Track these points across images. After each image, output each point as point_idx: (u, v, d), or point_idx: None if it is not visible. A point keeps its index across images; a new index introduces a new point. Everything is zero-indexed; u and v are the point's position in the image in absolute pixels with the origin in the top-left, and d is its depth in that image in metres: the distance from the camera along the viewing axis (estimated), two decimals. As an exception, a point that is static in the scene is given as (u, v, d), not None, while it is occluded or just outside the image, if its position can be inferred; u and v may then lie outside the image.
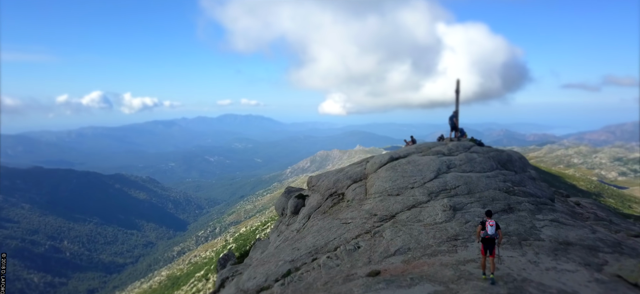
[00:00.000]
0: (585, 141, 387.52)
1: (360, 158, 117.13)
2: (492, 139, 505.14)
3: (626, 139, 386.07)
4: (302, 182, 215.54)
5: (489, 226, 10.42)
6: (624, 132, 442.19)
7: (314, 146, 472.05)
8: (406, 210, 15.81)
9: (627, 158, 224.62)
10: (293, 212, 22.71)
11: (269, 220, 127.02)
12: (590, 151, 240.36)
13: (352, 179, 20.65)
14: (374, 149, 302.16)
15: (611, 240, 14.53)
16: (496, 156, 20.29)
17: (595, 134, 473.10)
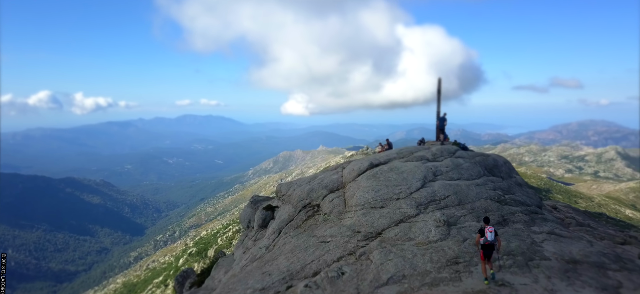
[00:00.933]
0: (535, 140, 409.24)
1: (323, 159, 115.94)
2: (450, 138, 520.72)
3: (572, 138, 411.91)
4: (265, 183, 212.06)
5: (488, 233, 10.69)
6: (570, 132, 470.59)
7: (276, 147, 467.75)
8: (394, 226, 13.92)
9: (573, 156, 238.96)
10: (261, 225, 20.28)
11: (231, 223, 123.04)
12: (539, 149, 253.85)
13: (328, 189, 18.54)
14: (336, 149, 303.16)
15: (612, 254, 13.42)
16: (482, 161, 18.95)
17: (544, 134, 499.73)
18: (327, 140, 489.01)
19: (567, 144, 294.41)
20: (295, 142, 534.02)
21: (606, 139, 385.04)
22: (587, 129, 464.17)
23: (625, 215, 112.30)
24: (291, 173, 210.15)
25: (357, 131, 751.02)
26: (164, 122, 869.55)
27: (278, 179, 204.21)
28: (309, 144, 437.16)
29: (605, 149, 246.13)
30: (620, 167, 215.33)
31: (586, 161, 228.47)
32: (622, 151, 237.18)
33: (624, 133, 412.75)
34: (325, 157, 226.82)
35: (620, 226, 41.08)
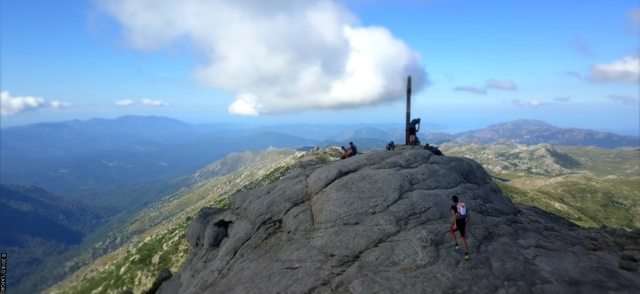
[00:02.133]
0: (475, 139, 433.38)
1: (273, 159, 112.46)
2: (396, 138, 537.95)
3: (507, 136, 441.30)
4: (212, 185, 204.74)
5: (461, 208, 11.54)
6: (506, 131, 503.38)
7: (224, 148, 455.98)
8: (373, 247, 11.96)
9: (509, 153, 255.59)
10: (212, 244, 17.54)
11: (177, 227, 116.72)
12: (479, 147, 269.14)
13: (291, 201, 16.26)
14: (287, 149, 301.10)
15: (604, 268, 12.47)
16: (457, 166, 17.63)
17: (482, 133, 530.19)
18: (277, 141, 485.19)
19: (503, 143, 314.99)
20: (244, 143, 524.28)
21: (537, 137, 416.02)
22: (520, 128, 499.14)
23: (554, 208, 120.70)
24: (240, 175, 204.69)
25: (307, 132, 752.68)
26: (102, 124, 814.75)
27: (226, 181, 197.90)
28: (259, 145, 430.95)
29: (536, 146, 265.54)
30: (549, 164, 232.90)
31: (520, 158, 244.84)
32: (551, 148, 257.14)
33: (553, 132, 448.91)
34: (276, 158, 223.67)
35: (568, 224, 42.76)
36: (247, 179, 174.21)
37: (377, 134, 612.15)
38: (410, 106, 20.13)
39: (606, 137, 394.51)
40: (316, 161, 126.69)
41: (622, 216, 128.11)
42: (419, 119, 20.11)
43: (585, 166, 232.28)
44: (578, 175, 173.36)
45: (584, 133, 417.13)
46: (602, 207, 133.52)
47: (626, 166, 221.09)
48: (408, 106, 20.12)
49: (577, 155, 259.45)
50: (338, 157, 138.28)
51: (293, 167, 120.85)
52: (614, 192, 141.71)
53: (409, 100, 19.86)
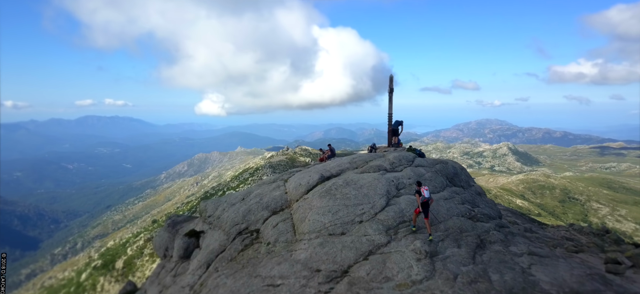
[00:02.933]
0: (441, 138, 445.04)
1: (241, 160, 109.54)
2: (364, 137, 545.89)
3: (471, 135, 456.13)
4: (179, 187, 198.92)
5: (425, 191, 12.40)
6: (470, 130, 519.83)
7: (191, 149, 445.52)
8: (363, 260, 11.00)
9: (473, 152, 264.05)
10: (182, 256, 16.07)
11: (143, 230, 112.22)
12: (445, 146, 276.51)
13: (269, 210, 15.06)
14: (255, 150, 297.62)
15: (597, 275, 12.12)
16: (442, 169, 17.04)
17: (448, 132, 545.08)
18: (246, 141, 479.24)
19: (468, 142, 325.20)
20: (212, 143, 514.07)
21: (500, 136, 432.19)
22: (484, 127, 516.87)
23: (516, 205, 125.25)
24: (208, 176, 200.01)
25: (276, 132, 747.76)
26: (61, 124, 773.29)
27: (193, 182, 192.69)
28: (227, 146, 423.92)
29: (499, 145, 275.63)
30: (511, 162, 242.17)
31: (484, 157, 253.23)
32: (513, 147, 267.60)
33: (514, 131, 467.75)
34: (244, 159, 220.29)
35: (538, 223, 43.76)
36: (214, 180, 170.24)
37: (346, 134, 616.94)
38: (392, 107, 19.40)
39: (563, 136, 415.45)
40: (286, 161, 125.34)
41: (578, 211, 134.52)
42: (402, 122, 19.43)
43: (544, 163, 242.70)
44: (538, 172, 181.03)
45: (542, 132, 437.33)
46: (560, 203, 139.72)
47: (581, 164, 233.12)
48: (390, 106, 19.38)
49: (536, 153, 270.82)
50: (308, 157, 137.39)
51: (262, 168, 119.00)
52: (571, 189, 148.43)
53: (391, 100, 19.13)
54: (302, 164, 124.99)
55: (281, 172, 20.25)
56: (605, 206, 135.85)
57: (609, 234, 30.36)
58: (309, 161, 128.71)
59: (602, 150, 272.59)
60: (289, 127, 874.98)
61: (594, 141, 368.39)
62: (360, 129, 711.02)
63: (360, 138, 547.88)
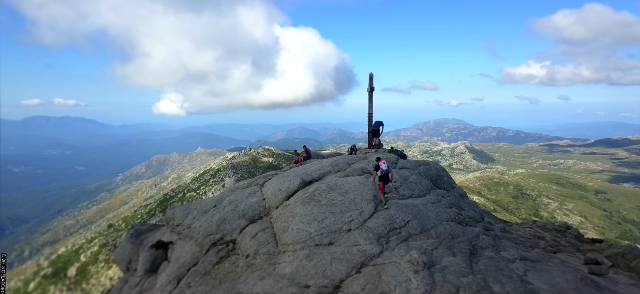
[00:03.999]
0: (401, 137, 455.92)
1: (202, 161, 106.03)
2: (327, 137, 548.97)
3: (430, 134, 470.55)
4: (136, 190, 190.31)
5: (383, 165, 13.72)
6: (429, 129, 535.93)
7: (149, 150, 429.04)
8: (355, 273, 10.11)
9: (432, 151, 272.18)
10: (149, 270, 14.51)
11: (97, 235, 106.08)
12: (405, 145, 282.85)
13: (247, 218, 13.85)
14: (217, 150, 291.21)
15: (590, 281, 11.97)
16: (426, 172, 16.54)
17: (408, 131, 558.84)
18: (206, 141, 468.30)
19: (427, 141, 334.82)
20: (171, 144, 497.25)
21: (457, 135, 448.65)
22: (442, 126, 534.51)
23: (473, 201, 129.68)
24: (167, 178, 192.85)
25: (238, 132, 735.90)
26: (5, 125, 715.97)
27: (152, 184, 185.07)
28: (186, 146, 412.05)
29: (456, 144, 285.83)
30: (468, 160, 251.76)
31: (443, 155, 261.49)
32: (470, 145, 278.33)
33: (470, 130, 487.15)
34: (205, 160, 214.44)
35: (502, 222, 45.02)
36: (174, 182, 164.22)
37: (309, 133, 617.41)
38: (372, 106, 18.73)
39: (515, 135, 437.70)
40: (249, 162, 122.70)
41: (530, 206, 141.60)
42: (382, 122, 18.82)
43: (499, 161, 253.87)
44: (493, 170, 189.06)
45: (497, 131, 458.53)
46: (513, 199, 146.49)
47: (532, 161, 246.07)
48: (370, 106, 18.70)
49: (491, 151, 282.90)
50: (271, 158, 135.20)
51: (224, 169, 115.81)
52: (523, 185, 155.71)
53: (371, 99, 18.44)
54: (265, 164, 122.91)
55: (256, 176, 19.02)
56: (554, 201, 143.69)
57: (570, 230, 31.30)
58: (272, 162, 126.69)
59: (551, 148, 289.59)
60: (251, 127, 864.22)
61: (544, 139, 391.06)
62: (323, 128, 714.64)
63: (323, 138, 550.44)
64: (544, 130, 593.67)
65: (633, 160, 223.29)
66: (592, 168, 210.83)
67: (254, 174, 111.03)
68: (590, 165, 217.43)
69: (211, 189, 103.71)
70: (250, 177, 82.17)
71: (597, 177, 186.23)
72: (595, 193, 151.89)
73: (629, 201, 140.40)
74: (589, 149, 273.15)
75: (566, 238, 25.77)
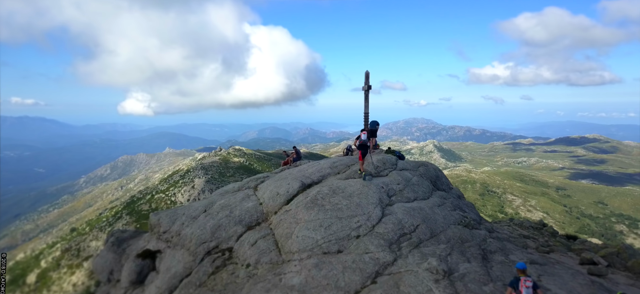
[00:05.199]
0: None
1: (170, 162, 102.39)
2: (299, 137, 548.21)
3: (400, 134, 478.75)
4: (101, 192, 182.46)
5: (363, 135, 14.95)
6: (398, 129, 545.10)
7: (114, 151, 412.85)
8: (371, 284, 9.47)
9: (402, 150, 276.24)
10: (135, 281, 13.32)
11: (59, 240, 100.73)
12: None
13: (243, 224, 12.94)
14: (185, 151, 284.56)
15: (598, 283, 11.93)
16: (426, 173, 16.17)
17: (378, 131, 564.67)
18: (175, 141, 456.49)
19: (397, 140, 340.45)
20: (137, 145, 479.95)
21: (426, 134, 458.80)
22: (411, 126, 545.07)
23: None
24: (134, 179, 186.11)
25: (207, 132, 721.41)
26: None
27: (117, 186, 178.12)
28: (154, 147, 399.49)
29: (425, 143, 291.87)
30: (437, 158, 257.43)
31: (412, 154, 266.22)
32: (438, 144, 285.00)
33: (438, 129, 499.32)
34: (174, 161, 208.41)
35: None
36: (141, 183, 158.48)
37: (281, 133, 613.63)
38: (368, 105, 18.21)
39: (481, 134, 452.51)
40: (219, 162, 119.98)
41: (496, 203, 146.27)
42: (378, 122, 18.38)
43: (466, 159, 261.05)
44: (460, 168, 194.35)
45: (464, 130, 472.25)
46: (480, 196, 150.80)
47: (497, 159, 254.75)
48: (366, 105, 18.17)
49: (459, 150, 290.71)
50: (242, 158, 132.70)
51: (194, 170, 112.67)
52: (489, 183, 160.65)
53: (367, 98, 17.93)
54: (236, 164, 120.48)
55: (246, 179, 18.03)
56: (518, 198, 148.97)
57: (545, 227, 32.13)
58: (243, 162, 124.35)
59: (515, 146, 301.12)
60: (221, 126, 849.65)
61: (508, 138, 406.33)
62: (295, 128, 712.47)
63: (294, 138, 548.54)
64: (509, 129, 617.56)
65: (590, 158, 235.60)
66: (553, 166, 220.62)
67: (224, 175, 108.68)
68: (551, 163, 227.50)
69: (180, 191, 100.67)
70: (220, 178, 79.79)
71: (558, 174, 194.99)
72: (556, 190, 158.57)
73: (587, 197, 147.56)
74: (550, 147, 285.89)
75: (555, 237, 26.27)
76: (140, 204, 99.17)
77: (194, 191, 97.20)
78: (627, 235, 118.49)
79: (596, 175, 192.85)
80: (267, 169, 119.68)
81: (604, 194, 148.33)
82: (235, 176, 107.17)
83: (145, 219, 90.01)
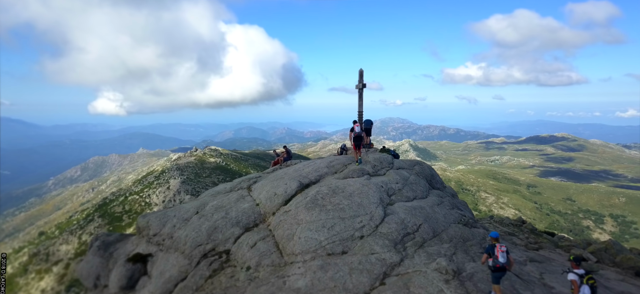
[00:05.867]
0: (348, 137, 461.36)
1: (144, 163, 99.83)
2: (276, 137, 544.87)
3: (376, 133, 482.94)
4: (71, 194, 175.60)
5: (356, 127, 15.90)
6: (375, 128, 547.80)
7: (85, 152, 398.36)
8: (380, 285, 9.26)
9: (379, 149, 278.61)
10: (125, 286, 12.65)
11: (26, 244, 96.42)
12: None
13: (241, 226, 12.51)
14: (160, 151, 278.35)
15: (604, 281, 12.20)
16: (421, 172, 16.14)
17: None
18: (149, 142, 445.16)
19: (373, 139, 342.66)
20: (110, 145, 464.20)
21: (402, 133, 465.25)
22: (387, 125, 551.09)
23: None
24: (106, 181, 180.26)
25: (182, 132, 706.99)
26: None
27: (88, 188, 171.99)
28: (127, 147, 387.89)
29: (401, 142, 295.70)
30: (413, 157, 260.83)
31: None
32: (413, 143, 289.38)
33: (414, 128, 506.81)
34: (147, 161, 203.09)
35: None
36: (114, 185, 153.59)
37: (258, 133, 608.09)
38: (362, 104, 18.03)
39: (456, 133, 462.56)
40: (195, 162, 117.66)
41: (469, 200, 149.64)
42: (372, 121, 18.24)
43: (441, 158, 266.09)
44: (436, 167, 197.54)
45: (438, 129, 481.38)
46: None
47: (471, 157, 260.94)
48: (360, 103, 17.99)
49: (434, 149, 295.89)
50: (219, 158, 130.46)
51: (169, 171, 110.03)
52: (464, 181, 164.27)
53: (361, 97, 17.75)
54: (212, 165, 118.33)
55: (238, 179, 17.53)
56: (492, 195, 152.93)
57: (525, 224, 32.94)
58: (219, 162, 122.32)
59: (488, 145, 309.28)
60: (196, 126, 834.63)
61: (481, 137, 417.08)
62: (272, 128, 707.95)
63: (272, 137, 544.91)
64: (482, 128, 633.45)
65: (559, 156, 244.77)
66: (524, 164, 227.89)
67: (201, 175, 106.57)
68: (522, 161, 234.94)
69: (155, 192, 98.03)
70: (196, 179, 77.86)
71: (529, 172, 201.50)
72: (527, 187, 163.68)
73: (556, 194, 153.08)
74: (521, 146, 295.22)
75: (535, 234, 26.84)
76: (113, 206, 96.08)
77: (170, 192, 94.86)
78: (594, 230, 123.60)
79: (564, 172, 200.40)
80: (244, 170, 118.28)
81: (572, 191, 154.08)
82: (211, 176, 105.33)
83: (118, 221, 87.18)
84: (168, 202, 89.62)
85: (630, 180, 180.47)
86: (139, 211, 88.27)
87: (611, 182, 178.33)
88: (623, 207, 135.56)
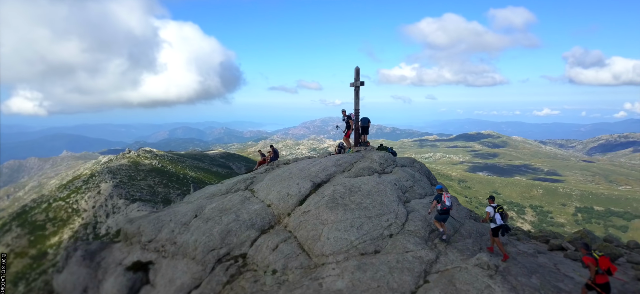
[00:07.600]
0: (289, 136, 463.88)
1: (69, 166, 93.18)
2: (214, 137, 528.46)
3: (317, 132, 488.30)
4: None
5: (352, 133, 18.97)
6: (315, 127, 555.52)
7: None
8: (424, 283, 9.09)
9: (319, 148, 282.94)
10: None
11: None
12: (294, 144, 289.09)
13: (257, 228, 11.73)
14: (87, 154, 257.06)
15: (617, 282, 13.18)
16: (421, 169, 16.39)
17: (296, 130, 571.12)
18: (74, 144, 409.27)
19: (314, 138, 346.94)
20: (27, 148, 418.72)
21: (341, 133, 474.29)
22: (327, 124, 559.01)
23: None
24: (24, 186, 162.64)
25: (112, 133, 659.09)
26: None
27: (3, 195, 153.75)
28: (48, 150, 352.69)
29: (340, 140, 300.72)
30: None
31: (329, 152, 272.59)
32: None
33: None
34: (73, 165, 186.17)
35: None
36: (34, 191, 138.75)
37: (194, 133, 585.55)
38: (359, 102, 17.87)
39: (392, 131, 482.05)
40: (129, 165, 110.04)
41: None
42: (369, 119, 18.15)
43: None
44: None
45: (376, 128, 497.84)
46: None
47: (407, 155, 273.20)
48: (357, 102, 17.80)
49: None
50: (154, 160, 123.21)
51: (100, 174, 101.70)
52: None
53: (357, 95, 17.57)
54: (148, 167, 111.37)
55: (233, 178, 16.51)
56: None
57: (478, 216, 34.94)
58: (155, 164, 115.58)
59: (422, 143, 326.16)
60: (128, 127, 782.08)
61: (416, 135, 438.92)
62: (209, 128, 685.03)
63: (209, 138, 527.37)
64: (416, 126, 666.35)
65: (485, 152, 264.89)
66: (455, 160, 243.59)
67: (135, 178, 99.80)
68: (453, 157, 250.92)
69: (84, 197, 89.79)
70: (130, 182, 72.91)
71: (459, 167, 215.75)
72: (458, 182, 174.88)
73: (484, 188, 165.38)
74: (452, 143, 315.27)
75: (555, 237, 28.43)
76: (34, 214, 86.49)
77: (100, 197, 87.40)
78: (516, 220, 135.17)
79: (490, 167, 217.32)
80: (182, 172, 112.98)
81: (498, 184, 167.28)
82: (147, 179, 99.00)
83: (40, 230, 78.58)
84: (99, 208, 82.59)
85: (546, 173, 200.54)
86: (65, 219, 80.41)
87: (530, 175, 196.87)
88: (541, 199, 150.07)
